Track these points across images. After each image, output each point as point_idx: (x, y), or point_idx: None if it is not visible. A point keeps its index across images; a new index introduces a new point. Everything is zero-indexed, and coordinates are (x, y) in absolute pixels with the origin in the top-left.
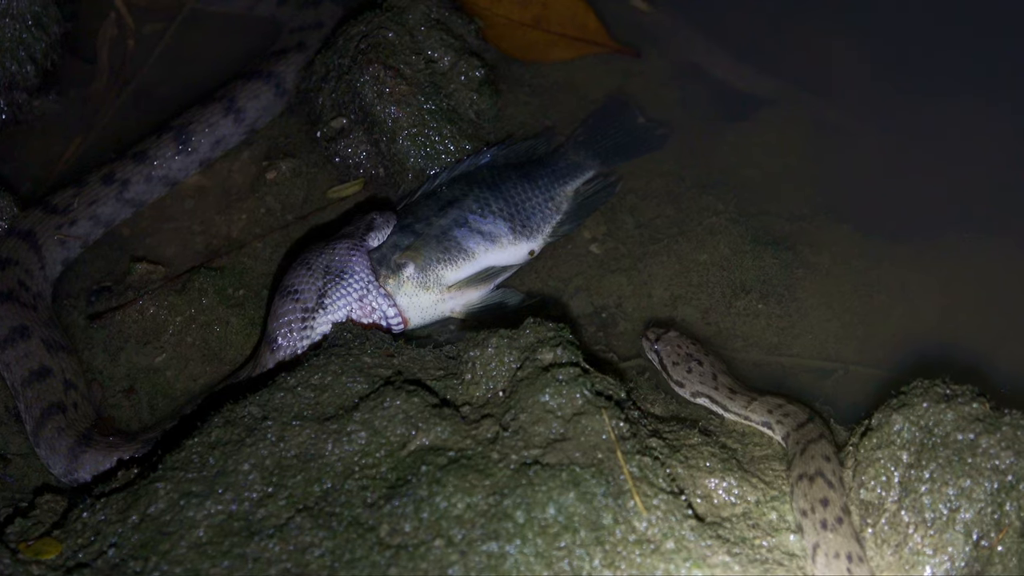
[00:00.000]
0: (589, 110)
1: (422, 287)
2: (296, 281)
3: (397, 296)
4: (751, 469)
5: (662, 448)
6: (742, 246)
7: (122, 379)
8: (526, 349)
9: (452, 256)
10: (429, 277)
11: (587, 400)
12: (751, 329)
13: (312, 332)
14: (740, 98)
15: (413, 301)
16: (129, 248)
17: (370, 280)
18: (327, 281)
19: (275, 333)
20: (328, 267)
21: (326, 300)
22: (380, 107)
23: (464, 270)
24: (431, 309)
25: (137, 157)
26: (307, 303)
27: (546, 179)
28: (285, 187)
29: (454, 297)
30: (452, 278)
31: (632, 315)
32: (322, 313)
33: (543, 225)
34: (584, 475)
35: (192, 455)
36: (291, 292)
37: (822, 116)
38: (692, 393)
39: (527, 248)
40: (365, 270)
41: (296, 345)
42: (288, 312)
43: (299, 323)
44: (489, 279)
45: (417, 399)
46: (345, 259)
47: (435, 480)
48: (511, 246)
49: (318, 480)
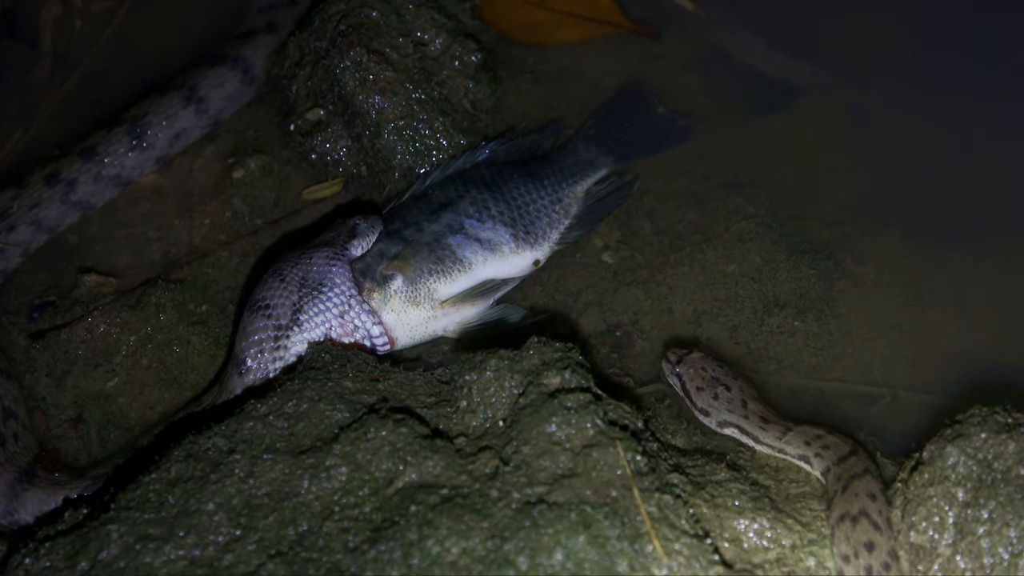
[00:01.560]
0: (601, 100)
1: (412, 302)
2: (267, 295)
3: (383, 312)
4: (786, 509)
5: (685, 485)
6: (775, 255)
7: (68, 407)
8: (530, 372)
9: (446, 267)
10: (420, 291)
11: (599, 430)
12: (786, 350)
13: (286, 353)
14: (772, 86)
15: (401, 318)
16: (76, 257)
17: (352, 294)
18: (303, 295)
19: (243, 354)
20: (304, 279)
21: (302, 316)
22: (362, 96)
23: (459, 283)
24: (421, 328)
25: (85, 154)
26: (280, 319)
27: (552, 178)
28: (254, 187)
29: (448, 314)
30: (446, 292)
31: (650, 333)
32: (297, 331)
33: (549, 231)
34: (596, 516)
35: (149, 493)
36: (262, 307)
37: (864, 106)
38: (719, 422)
39: (531, 258)
40: (347, 282)
41: (267, 367)
42: (258, 330)
43: (271, 342)
44: (488, 293)
45: (405, 429)
46: (324, 270)
47: (426, 521)
48: (513, 255)
49: (293, 521)
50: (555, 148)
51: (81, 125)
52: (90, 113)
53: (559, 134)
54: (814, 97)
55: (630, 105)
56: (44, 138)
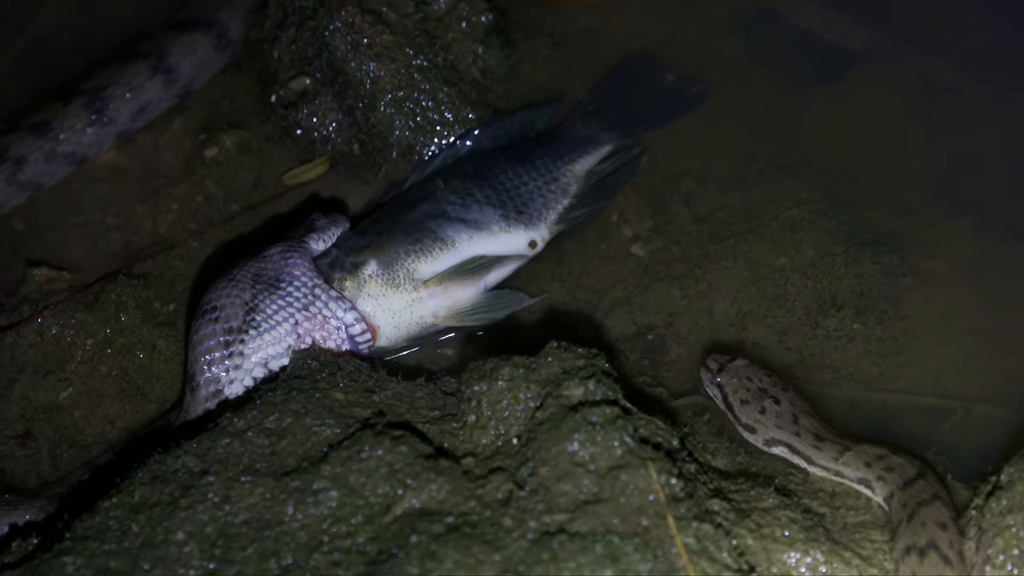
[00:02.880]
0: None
1: (390, 285)
2: (213, 296)
3: (358, 300)
4: (843, 541)
5: (727, 512)
6: (832, 247)
7: (15, 420)
8: (548, 382)
9: (425, 246)
10: (398, 272)
11: (628, 449)
12: (844, 356)
13: (242, 360)
14: (828, 52)
15: (381, 304)
16: (23, 248)
17: (316, 283)
18: (256, 292)
19: (192, 368)
20: (257, 275)
21: (257, 316)
22: (355, 63)
23: (442, 261)
24: (406, 313)
25: (37, 130)
26: (229, 321)
27: (546, 159)
28: (230, 168)
29: (434, 295)
30: (428, 271)
31: (687, 337)
32: (253, 334)
33: (546, 212)
34: (624, 548)
35: (109, 520)
36: (208, 311)
37: (934, 76)
38: (766, 440)
39: (526, 238)
40: (307, 273)
41: (221, 379)
42: (205, 337)
43: (220, 349)
44: (479, 272)
45: (405, 448)
46: (279, 265)
47: (429, 554)
48: (503, 234)
49: (275, 554)
50: (551, 128)
51: (27, 96)
52: (39, 82)
53: (555, 112)
54: (876, 65)
55: (634, 76)
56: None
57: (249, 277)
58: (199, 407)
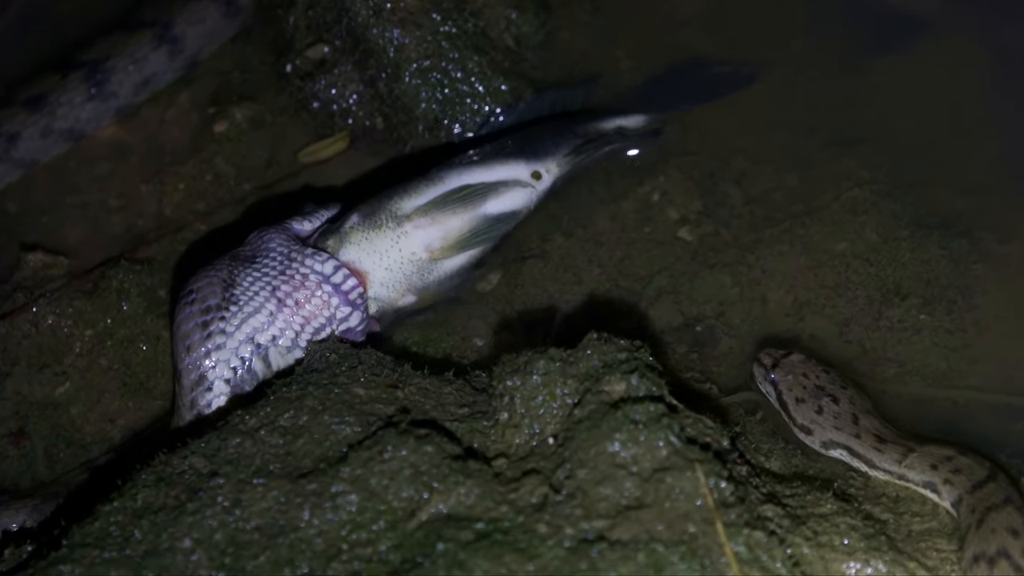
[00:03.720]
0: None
1: (371, 227)
2: (191, 282)
3: (340, 251)
4: (907, 549)
5: (781, 519)
6: (896, 231)
7: (8, 418)
8: (587, 377)
9: (410, 186)
10: (379, 214)
11: (674, 450)
12: (910, 350)
13: (224, 339)
14: (892, 20)
15: (364, 247)
16: (17, 231)
17: (292, 247)
18: (233, 268)
19: (177, 357)
20: (235, 256)
21: (236, 291)
22: (378, 29)
23: (427, 194)
24: (394, 251)
25: (33, 104)
26: (207, 301)
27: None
28: (241, 144)
29: (421, 226)
30: (411, 205)
31: (739, 329)
32: (234, 309)
33: (554, 147)
34: (670, 557)
35: (110, 526)
36: (184, 295)
37: (1006, 46)
38: (823, 442)
39: (527, 168)
40: (283, 243)
41: (203, 363)
42: (183, 322)
43: (199, 331)
44: (470, 199)
45: (431, 448)
46: (256, 243)
47: (457, 563)
48: (500, 165)
49: (290, 562)
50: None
51: (22, 66)
52: (34, 53)
53: (589, 92)
54: (943, 33)
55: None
56: None
57: (226, 259)
58: (186, 399)
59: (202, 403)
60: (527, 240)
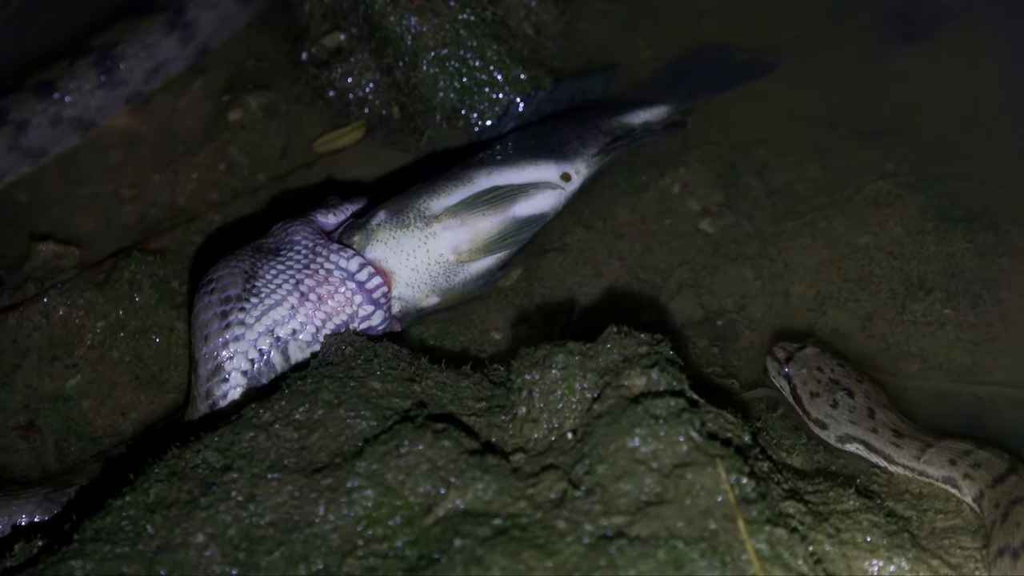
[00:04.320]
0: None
1: (399, 226)
2: (212, 269)
3: (366, 248)
4: (930, 547)
5: (803, 516)
6: (921, 223)
7: (18, 411)
8: (607, 371)
9: (439, 185)
10: (407, 213)
11: (695, 446)
12: (933, 345)
13: (243, 330)
14: (915, 10)
15: (391, 246)
16: (28, 221)
17: (317, 241)
18: (256, 260)
19: (194, 346)
20: (258, 248)
21: (258, 283)
22: (395, 17)
23: (456, 195)
24: (421, 251)
25: (41, 90)
26: (227, 291)
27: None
28: (255, 133)
29: (450, 227)
30: (440, 206)
31: (760, 323)
32: (255, 301)
33: (582, 148)
34: (690, 553)
35: (122, 521)
36: (204, 284)
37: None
38: (839, 437)
39: (557, 170)
40: (309, 235)
41: (220, 353)
42: (201, 311)
43: (218, 321)
44: (500, 201)
45: (448, 442)
46: (280, 235)
47: (474, 559)
48: (530, 166)
49: (304, 558)
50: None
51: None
52: (44, 38)
53: (609, 81)
54: (969, 22)
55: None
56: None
57: (249, 250)
58: (202, 389)
59: (217, 393)
60: (548, 233)
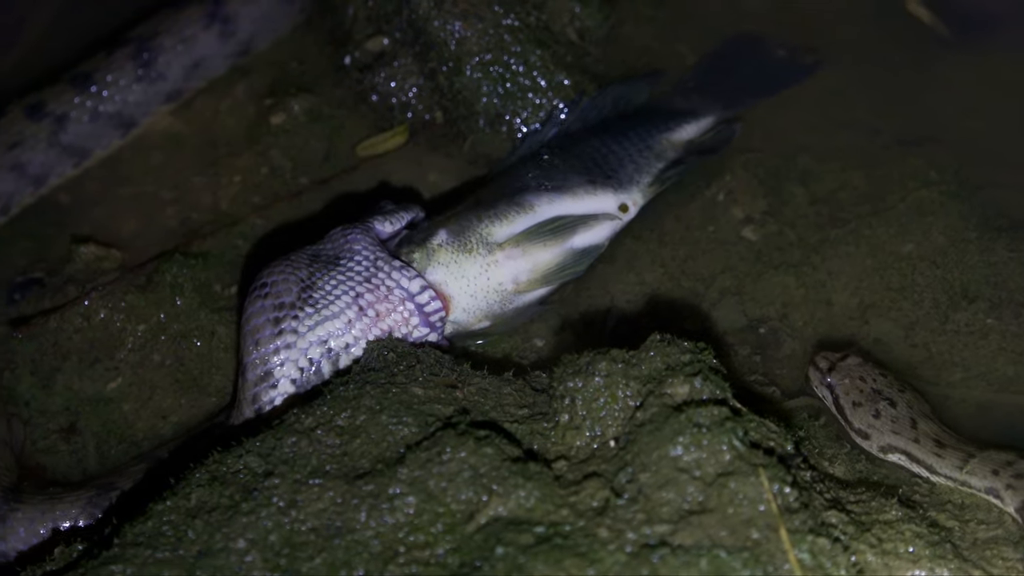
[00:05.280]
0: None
1: (462, 250)
2: (265, 273)
3: (427, 269)
4: (972, 558)
5: (845, 526)
6: (964, 232)
7: (58, 414)
8: (650, 379)
9: (500, 210)
10: (470, 238)
11: (738, 455)
12: (977, 355)
13: (295, 338)
14: (962, 12)
15: (452, 271)
16: (69, 222)
17: (379, 255)
18: (314, 270)
19: (243, 350)
20: (316, 255)
21: (315, 293)
22: (439, 21)
23: (519, 224)
24: (482, 279)
25: (77, 81)
26: (281, 297)
27: (641, 128)
28: (298, 136)
29: (512, 257)
30: (503, 233)
31: (803, 331)
32: (310, 311)
33: (638, 175)
34: (732, 563)
35: (163, 526)
36: (257, 287)
37: None
38: (881, 447)
39: (615, 200)
40: (369, 246)
41: (270, 360)
42: (253, 315)
43: (270, 327)
44: (562, 232)
45: (490, 450)
46: (339, 243)
47: (516, 567)
48: (589, 196)
49: (346, 564)
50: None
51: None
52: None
53: (654, 86)
54: (1018, 29)
55: (739, 53)
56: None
57: (306, 256)
58: (248, 393)
59: (265, 399)
60: None
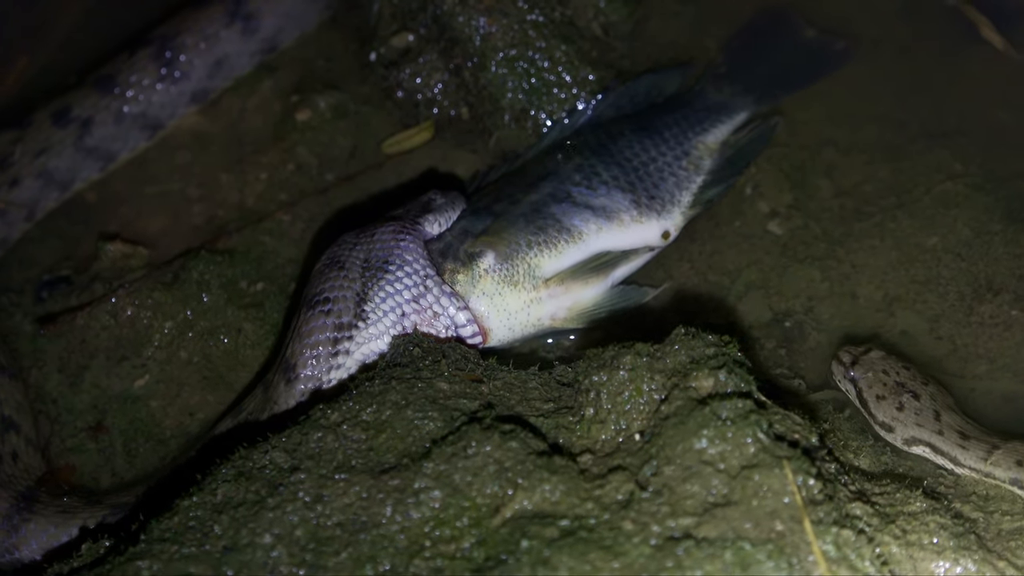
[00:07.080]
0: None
1: (508, 282)
2: (326, 287)
3: (471, 297)
4: (997, 549)
5: (870, 517)
6: (990, 225)
7: (86, 411)
8: (674, 372)
9: (550, 237)
10: (517, 268)
11: (762, 447)
12: (1002, 346)
13: (347, 359)
14: (989, 6)
15: (496, 303)
16: (96, 221)
17: (428, 273)
18: (366, 280)
19: (295, 358)
20: (367, 260)
21: (367, 307)
22: (464, 17)
23: (568, 256)
24: (522, 314)
25: (102, 84)
26: (342, 316)
27: (676, 128)
28: (324, 133)
29: (555, 295)
30: (551, 268)
31: (828, 324)
32: (362, 327)
33: (678, 193)
34: (757, 555)
35: (190, 521)
36: (320, 302)
37: None
38: (905, 439)
39: (658, 228)
40: (419, 259)
41: (323, 377)
42: (315, 330)
43: (329, 346)
44: (606, 268)
45: (515, 444)
46: (389, 246)
47: (541, 561)
48: (635, 224)
49: (372, 559)
50: (680, 94)
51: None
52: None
53: (685, 76)
54: None
55: (769, 33)
56: (56, 67)
57: (359, 264)
58: (292, 400)
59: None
60: None
